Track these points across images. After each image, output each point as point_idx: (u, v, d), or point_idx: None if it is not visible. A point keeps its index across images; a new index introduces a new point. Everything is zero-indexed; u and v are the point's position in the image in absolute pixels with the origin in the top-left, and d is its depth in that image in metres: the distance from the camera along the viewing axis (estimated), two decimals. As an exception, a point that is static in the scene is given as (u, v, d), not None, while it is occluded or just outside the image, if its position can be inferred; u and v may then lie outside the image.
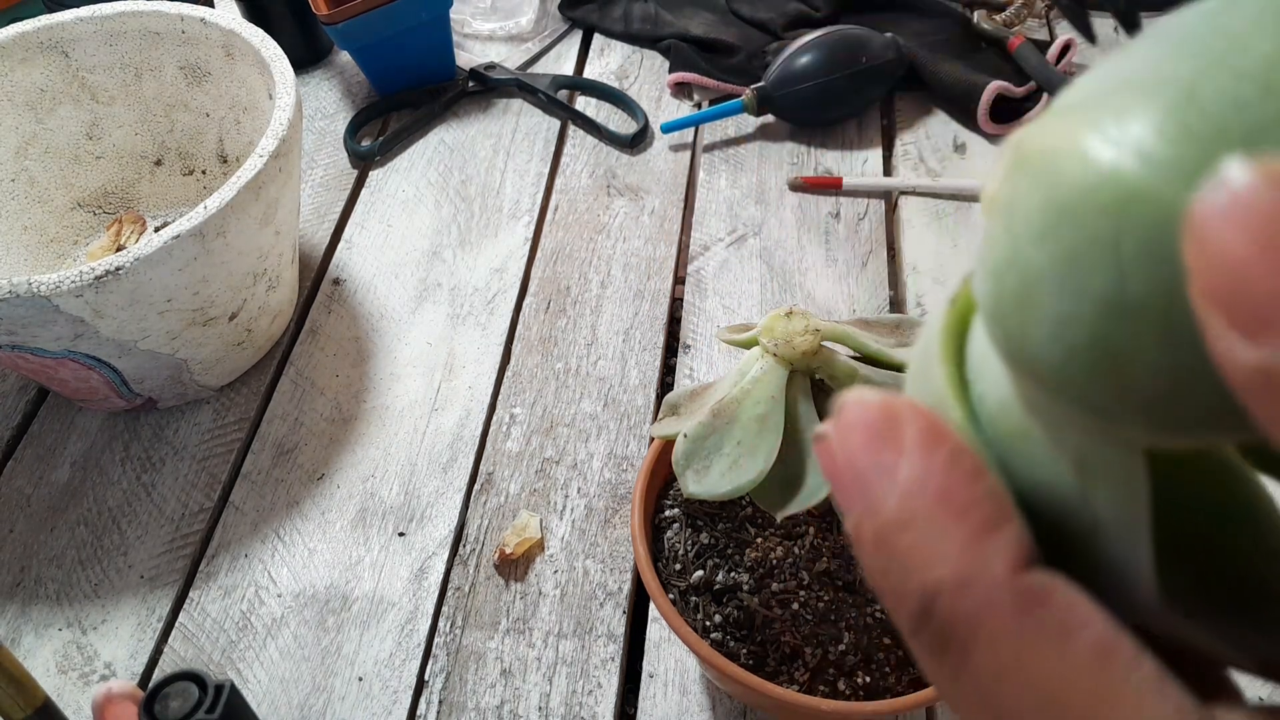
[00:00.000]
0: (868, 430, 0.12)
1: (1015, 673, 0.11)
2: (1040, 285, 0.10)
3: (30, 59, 0.58)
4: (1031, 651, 0.11)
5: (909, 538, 0.12)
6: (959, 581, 0.11)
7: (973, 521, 0.12)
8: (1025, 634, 0.11)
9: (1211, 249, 0.08)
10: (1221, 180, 0.08)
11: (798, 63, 0.68)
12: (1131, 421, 0.10)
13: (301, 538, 0.51)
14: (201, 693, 0.31)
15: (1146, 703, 0.11)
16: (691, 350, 0.59)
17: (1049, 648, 0.11)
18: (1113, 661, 0.11)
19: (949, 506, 0.12)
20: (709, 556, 0.41)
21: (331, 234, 0.67)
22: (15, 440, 0.57)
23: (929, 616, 0.12)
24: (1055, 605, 0.11)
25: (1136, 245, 0.09)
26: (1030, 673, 0.11)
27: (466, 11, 0.82)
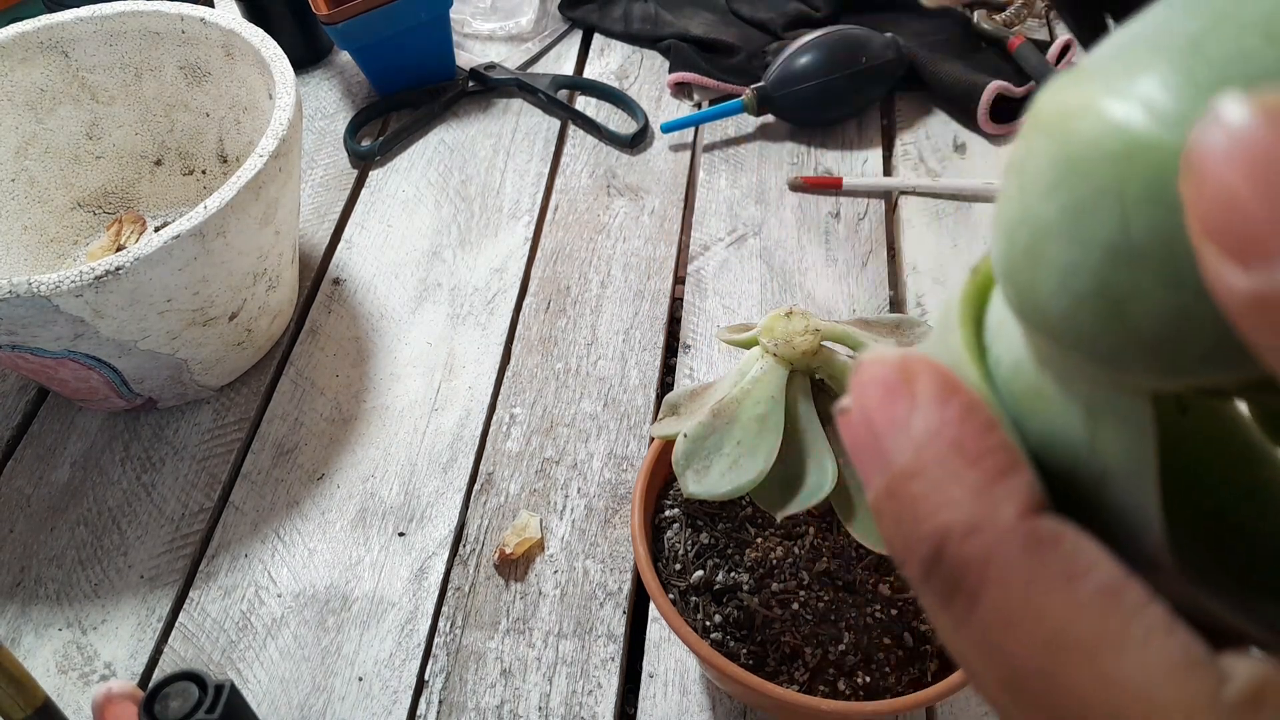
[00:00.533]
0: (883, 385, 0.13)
1: (1022, 615, 0.11)
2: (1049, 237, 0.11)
3: (30, 59, 0.58)
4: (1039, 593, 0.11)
5: (921, 485, 0.12)
6: (969, 526, 0.12)
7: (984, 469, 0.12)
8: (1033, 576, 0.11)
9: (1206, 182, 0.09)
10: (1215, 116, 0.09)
11: (798, 63, 0.68)
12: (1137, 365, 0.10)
13: (301, 538, 0.51)
14: (201, 693, 0.31)
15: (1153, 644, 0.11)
16: (691, 350, 0.59)
17: (1056, 589, 0.11)
18: (1120, 603, 0.11)
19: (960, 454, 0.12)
20: (709, 556, 0.41)
21: (331, 234, 0.67)
22: (15, 440, 0.57)
23: (939, 561, 0.12)
24: (1063, 549, 0.11)
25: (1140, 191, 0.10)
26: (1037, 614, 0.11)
27: (466, 11, 0.82)
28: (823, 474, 0.35)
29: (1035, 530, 0.11)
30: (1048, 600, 0.11)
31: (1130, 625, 0.11)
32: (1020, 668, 0.11)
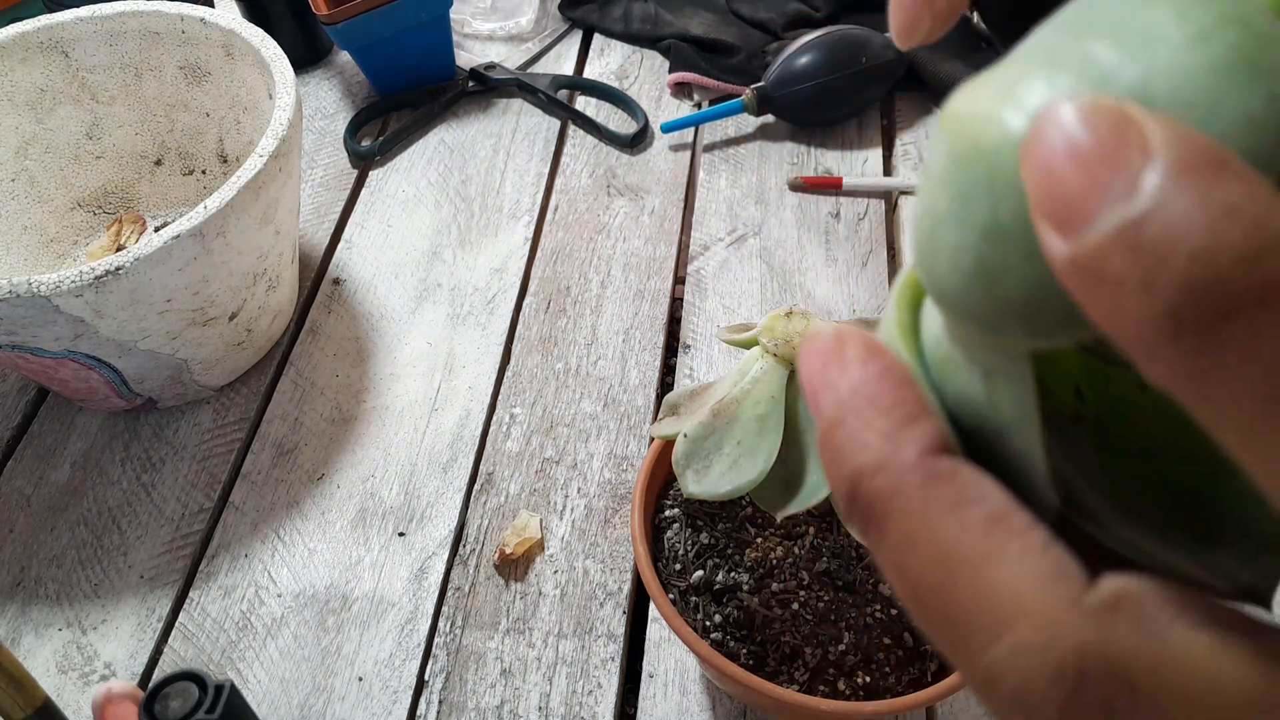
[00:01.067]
0: (821, 353, 0.15)
1: (920, 539, 0.13)
2: (942, 224, 0.13)
3: (30, 59, 0.58)
4: (933, 518, 0.13)
5: (842, 433, 0.14)
6: (878, 464, 0.13)
7: (893, 417, 0.14)
8: (929, 505, 0.13)
9: (1036, 167, 0.11)
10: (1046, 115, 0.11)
11: (798, 63, 0.68)
12: (1012, 330, 0.12)
13: (301, 538, 0.51)
14: (201, 693, 0.31)
15: (1028, 559, 0.12)
16: (691, 350, 0.59)
17: (948, 514, 0.13)
18: (1002, 527, 0.13)
19: (874, 406, 0.14)
20: (709, 556, 0.41)
21: (331, 234, 0.67)
22: (15, 440, 0.57)
23: (856, 495, 0.14)
24: (957, 482, 0.13)
25: (1005, 181, 0.11)
26: (931, 536, 0.13)
27: (466, 11, 0.82)
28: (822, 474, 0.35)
29: (933, 466, 0.13)
30: (941, 524, 0.13)
31: (1009, 543, 0.12)
32: (921, 583, 0.13)
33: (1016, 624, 0.12)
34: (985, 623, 0.12)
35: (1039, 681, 0.12)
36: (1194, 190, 0.09)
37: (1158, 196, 0.10)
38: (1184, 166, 0.10)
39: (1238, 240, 0.09)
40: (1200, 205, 0.09)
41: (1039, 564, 0.12)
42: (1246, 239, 0.09)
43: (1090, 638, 0.12)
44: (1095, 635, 0.11)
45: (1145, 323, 0.10)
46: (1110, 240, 0.10)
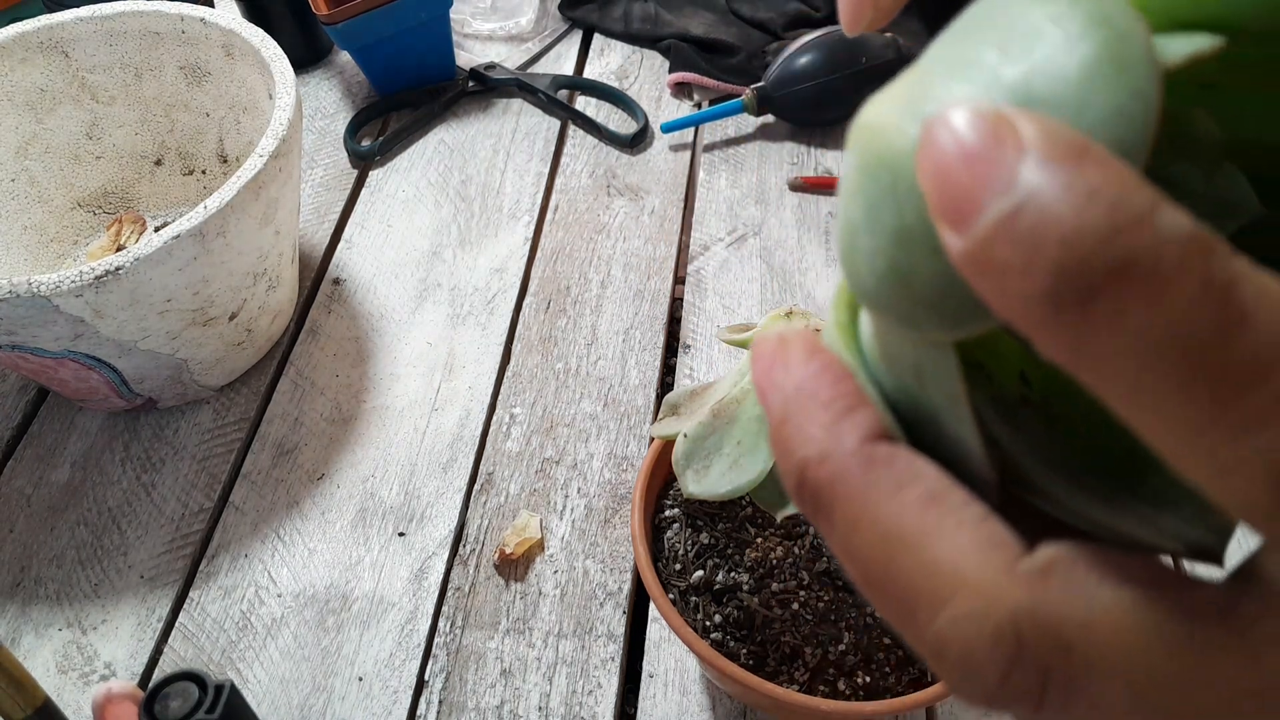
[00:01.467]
0: (767, 356, 0.16)
1: (863, 521, 0.14)
2: (858, 231, 0.13)
3: (30, 59, 0.58)
4: (874, 501, 0.14)
5: (788, 429, 0.15)
6: (821, 455, 0.14)
7: (833, 410, 0.14)
8: (869, 489, 0.14)
9: (929, 170, 0.11)
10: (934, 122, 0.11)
11: (798, 63, 0.68)
12: (928, 323, 0.13)
13: (301, 538, 0.51)
14: (201, 693, 0.31)
15: (964, 532, 0.13)
16: (691, 350, 0.59)
17: (888, 496, 0.13)
18: (938, 504, 0.13)
19: (815, 400, 0.15)
20: (709, 556, 0.41)
21: (331, 234, 0.67)
22: (15, 440, 0.57)
23: (803, 485, 0.14)
24: (896, 465, 0.14)
25: (907, 186, 0.12)
26: (874, 518, 0.13)
27: (466, 11, 0.82)
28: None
29: (872, 453, 0.14)
30: (881, 506, 0.13)
31: (946, 519, 0.13)
32: (868, 563, 0.14)
33: (956, 594, 0.12)
34: (928, 596, 0.13)
35: (979, 647, 0.12)
36: (1060, 178, 0.10)
37: (1030, 188, 0.10)
38: (1051, 157, 0.10)
39: (1098, 221, 0.10)
40: (1065, 192, 0.10)
41: (974, 536, 0.13)
42: (1106, 219, 0.10)
43: (1024, 602, 0.12)
44: (1029, 599, 0.12)
45: (1029, 305, 0.11)
46: (993, 231, 0.11)
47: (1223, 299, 0.10)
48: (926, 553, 0.13)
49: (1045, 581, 0.12)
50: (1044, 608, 0.12)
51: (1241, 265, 0.10)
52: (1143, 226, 0.10)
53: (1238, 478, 0.10)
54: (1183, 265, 0.10)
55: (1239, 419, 0.10)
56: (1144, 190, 0.10)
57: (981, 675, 0.12)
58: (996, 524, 0.13)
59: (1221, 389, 0.10)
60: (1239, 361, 0.10)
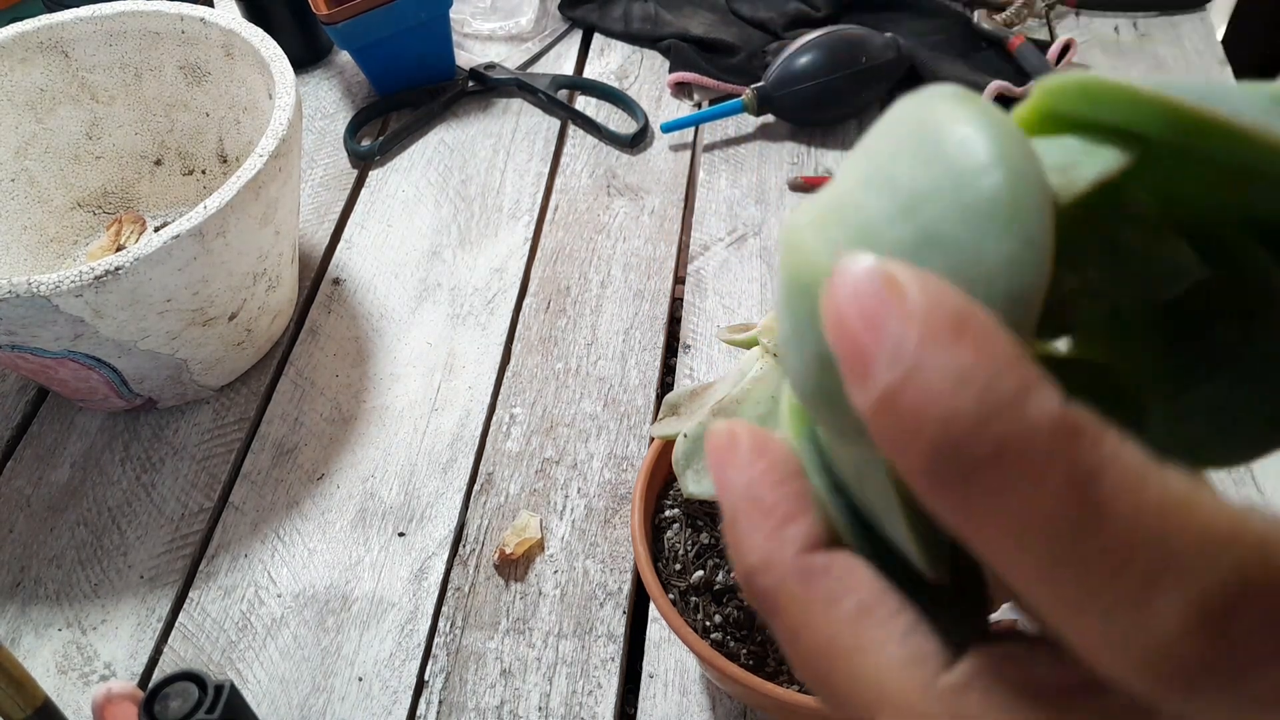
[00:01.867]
0: (717, 451, 0.16)
1: (803, 631, 0.14)
2: (788, 345, 0.14)
3: (30, 59, 0.58)
4: (811, 614, 0.14)
5: (736, 532, 0.15)
6: (764, 563, 0.15)
7: (774, 517, 0.15)
8: (807, 600, 0.14)
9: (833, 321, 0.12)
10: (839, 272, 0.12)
11: (798, 63, 0.68)
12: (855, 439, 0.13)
13: (301, 538, 0.51)
14: (201, 693, 0.31)
15: (889, 647, 0.13)
16: (691, 350, 0.59)
17: (822, 610, 0.14)
18: (869, 618, 0.14)
19: (758, 506, 0.15)
20: (709, 556, 0.41)
21: (331, 234, 0.67)
22: (15, 440, 0.57)
23: (751, 590, 0.15)
24: (831, 577, 0.14)
25: None
26: (811, 630, 0.14)
27: (466, 11, 0.82)
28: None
29: (808, 565, 0.14)
30: (817, 619, 0.14)
31: (874, 634, 0.14)
32: (808, 669, 0.14)
33: (881, 710, 0.13)
34: (857, 707, 0.14)
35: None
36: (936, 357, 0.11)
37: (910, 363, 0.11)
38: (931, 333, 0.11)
39: (969, 407, 0.10)
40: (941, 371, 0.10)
41: (898, 652, 0.13)
42: (977, 405, 0.10)
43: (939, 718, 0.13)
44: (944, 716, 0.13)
45: (915, 476, 0.11)
46: (882, 400, 0.11)
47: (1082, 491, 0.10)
48: (855, 667, 0.14)
49: (960, 698, 0.13)
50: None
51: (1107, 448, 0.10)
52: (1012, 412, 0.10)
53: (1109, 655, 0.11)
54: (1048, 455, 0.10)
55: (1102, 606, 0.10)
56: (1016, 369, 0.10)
57: None
58: (921, 638, 0.14)
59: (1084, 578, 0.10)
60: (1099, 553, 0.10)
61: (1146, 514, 0.10)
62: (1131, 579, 0.10)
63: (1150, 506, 0.10)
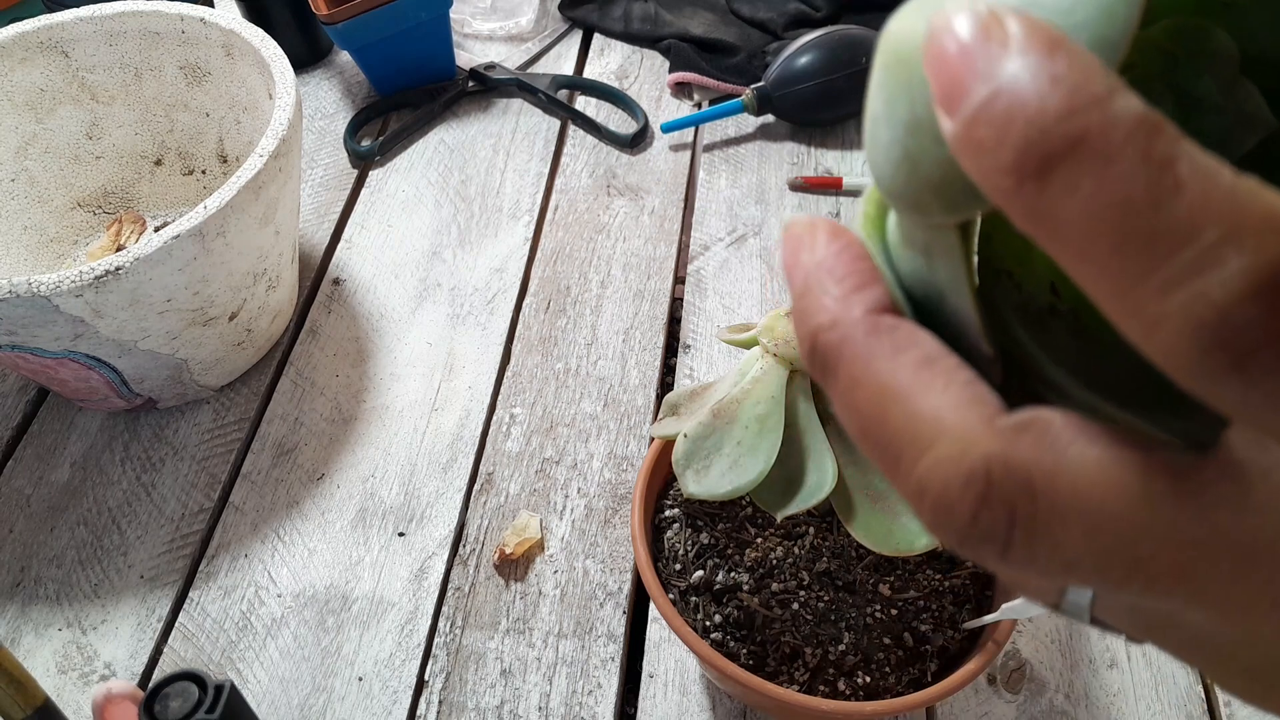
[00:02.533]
0: (795, 239, 0.17)
1: (863, 379, 0.15)
2: (878, 124, 0.15)
3: (30, 59, 0.58)
4: (874, 362, 0.15)
5: (806, 301, 0.16)
6: (832, 321, 0.16)
7: (845, 285, 0.16)
8: (870, 351, 0.15)
9: (931, 63, 0.13)
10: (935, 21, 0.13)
11: (798, 63, 0.68)
12: (933, 206, 0.14)
13: (301, 538, 0.51)
14: (201, 693, 0.31)
15: (951, 390, 0.14)
16: (691, 350, 0.59)
17: (885, 359, 0.15)
18: (931, 367, 0.15)
19: (831, 276, 0.16)
20: (709, 556, 0.41)
21: (331, 234, 0.67)
22: (15, 440, 0.57)
23: (814, 349, 0.16)
24: (896, 334, 0.15)
25: (920, 82, 0.13)
26: (873, 375, 0.15)
27: (466, 11, 0.82)
28: (823, 474, 0.35)
29: (876, 321, 0.15)
30: (880, 365, 0.15)
31: (937, 379, 0.14)
32: (864, 416, 0.15)
33: (937, 441, 0.14)
34: (913, 443, 0.14)
35: (953, 487, 0.14)
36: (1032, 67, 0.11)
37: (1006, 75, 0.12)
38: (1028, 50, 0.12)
39: (1058, 103, 0.11)
40: (1034, 79, 0.11)
41: (960, 394, 0.14)
42: (1065, 102, 0.11)
43: (996, 449, 0.13)
44: (1001, 447, 0.13)
45: (999, 177, 0.12)
46: (974, 114, 0.12)
47: (1159, 171, 0.11)
48: (915, 405, 0.14)
49: (1019, 435, 0.13)
50: (1015, 455, 0.13)
51: (1184, 145, 0.11)
52: (1097, 108, 0.11)
53: (1162, 332, 0.11)
54: (1128, 141, 0.11)
55: (1164, 277, 0.11)
56: (1103, 77, 0.11)
57: (954, 514, 0.14)
58: (982, 386, 0.14)
59: (1151, 250, 0.11)
60: (1168, 227, 0.11)
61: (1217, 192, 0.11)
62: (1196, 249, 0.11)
63: (1222, 188, 0.11)
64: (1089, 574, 0.13)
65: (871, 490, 0.36)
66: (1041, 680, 0.45)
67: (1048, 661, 0.46)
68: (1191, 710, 0.44)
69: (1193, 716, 0.44)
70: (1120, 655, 0.46)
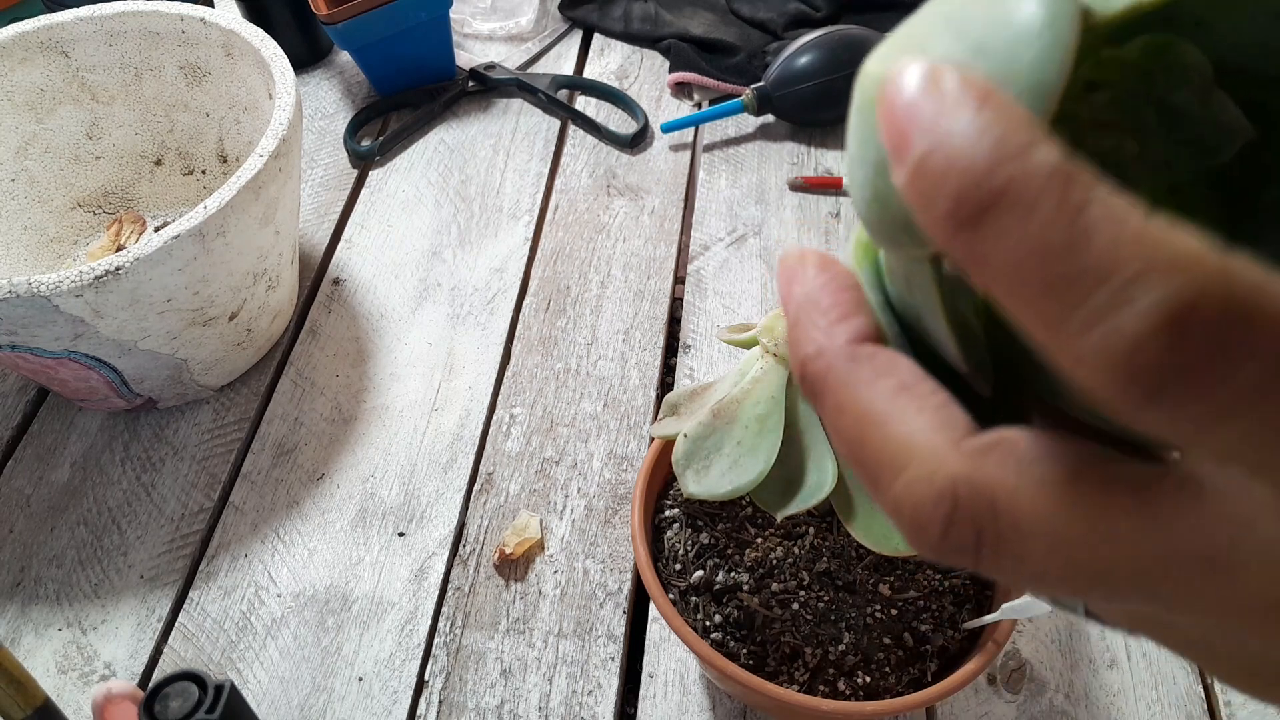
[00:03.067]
0: (787, 270, 0.18)
1: (846, 405, 0.16)
2: (854, 163, 0.16)
3: (30, 59, 0.58)
4: (854, 389, 0.16)
5: (797, 331, 0.17)
6: (817, 351, 0.17)
7: (830, 316, 0.17)
8: (851, 379, 0.16)
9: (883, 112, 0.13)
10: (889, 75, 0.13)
11: (798, 63, 0.68)
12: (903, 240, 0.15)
13: (301, 538, 0.51)
14: (201, 693, 0.31)
15: (924, 414, 0.15)
16: (691, 350, 0.59)
17: (864, 387, 0.16)
18: (907, 392, 0.16)
19: (817, 308, 0.17)
20: (709, 556, 0.41)
21: (331, 234, 0.67)
22: (15, 440, 0.57)
23: (804, 378, 0.17)
24: (875, 361, 0.16)
25: None
26: (854, 404, 0.16)
27: (466, 11, 0.82)
28: (823, 474, 0.35)
29: (856, 350, 0.16)
30: (860, 392, 0.16)
31: (911, 404, 0.15)
32: (849, 440, 0.16)
33: (909, 463, 0.15)
34: (890, 466, 0.15)
35: (924, 507, 0.14)
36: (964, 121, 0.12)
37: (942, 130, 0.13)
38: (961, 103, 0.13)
39: (984, 157, 0.12)
40: (965, 132, 0.12)
41: (931, 419, 0.15)
42: (990, 155, 0.12)
43: (962, 471, 0.14)
44: (966, 470, 0.14)
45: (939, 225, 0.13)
46: (916, 166, 0.13)
47: (1073, 217, 0.12)
48: (890, 430, 0.15)
49: (984, 456, 0.14)
50: (978, 475, 0.14)
51: (1098, 191, 0.12)
52: (1018, 160, 0.12)
53: (1085, 368, 0.12)
54: (1044, 190, 0.12)
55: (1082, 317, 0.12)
56: (1026, 130, 0.12)
57: (926, 531, 0.14)
58: (954, 409, 0.15)
59: (1070, 292, 0.12)
60: (1084, 269, 0.12)
61: (1127, 234, 0.11)
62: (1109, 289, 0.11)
63: (1131, 229, 0.12)
64: (1056, 585, 0.14)
65: (871, 490, 0.36)
66: (1041, 680, 0.45)
67: (1048, 661, 0.46)
68: (1191, 710, 0.44)
69: (1193, 716, 0.44)
70: (1120, 655, 0.46)
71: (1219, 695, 0.45)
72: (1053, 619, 0.47)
